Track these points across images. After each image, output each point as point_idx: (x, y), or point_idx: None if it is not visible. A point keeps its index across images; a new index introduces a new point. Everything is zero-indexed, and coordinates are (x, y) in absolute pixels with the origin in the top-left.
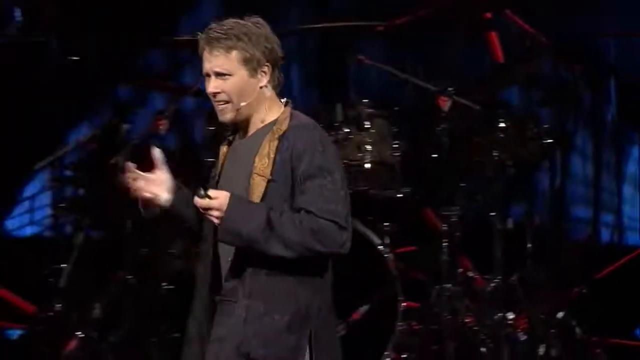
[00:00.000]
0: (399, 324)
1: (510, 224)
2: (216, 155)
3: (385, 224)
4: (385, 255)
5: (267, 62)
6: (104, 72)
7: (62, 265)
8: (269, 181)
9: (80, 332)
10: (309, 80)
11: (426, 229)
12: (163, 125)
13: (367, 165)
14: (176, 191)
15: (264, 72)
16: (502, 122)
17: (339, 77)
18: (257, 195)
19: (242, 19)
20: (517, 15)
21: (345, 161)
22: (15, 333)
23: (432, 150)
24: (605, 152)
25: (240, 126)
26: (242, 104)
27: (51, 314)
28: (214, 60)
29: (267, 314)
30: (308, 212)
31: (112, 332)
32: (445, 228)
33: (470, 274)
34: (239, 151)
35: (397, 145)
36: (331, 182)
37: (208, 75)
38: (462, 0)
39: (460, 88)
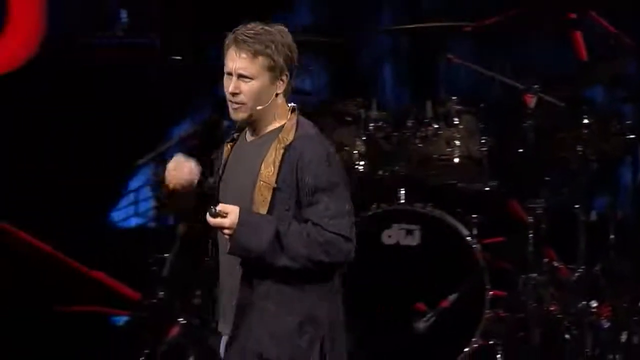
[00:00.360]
0: (487, 311)
1: (593, 216)
2: (220, 153)
3: (473, 216)
4: (473, 246)
5: (287, 70)
6: (205, 71)
7: (165, 255)
8: (274, 189)
9: (182, 319)
10: (400, 78)
11: (512, 220)
12: None
13: (456, 160)
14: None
15: (283, 80)
16: (586, 118)
17: (430, 75)
18: (261, 201)
19: (268, 25)
20: (602, 16)
21: (434, 156)
22: (121, 319)
23: (518, 146)
24: None
25: (248, 127)
26: (258, 108)
27: (155, 301)
28: (239, 62)
29: (278, 314)
30: (315, 224)
31: (213, 319)
32: (531, 220)
33: (555, 264)
34: (244, 152)
35: (484, 141)
36: (337, 195)
37: (230, 74)
38: (548, 1)
39: (546, 86)
